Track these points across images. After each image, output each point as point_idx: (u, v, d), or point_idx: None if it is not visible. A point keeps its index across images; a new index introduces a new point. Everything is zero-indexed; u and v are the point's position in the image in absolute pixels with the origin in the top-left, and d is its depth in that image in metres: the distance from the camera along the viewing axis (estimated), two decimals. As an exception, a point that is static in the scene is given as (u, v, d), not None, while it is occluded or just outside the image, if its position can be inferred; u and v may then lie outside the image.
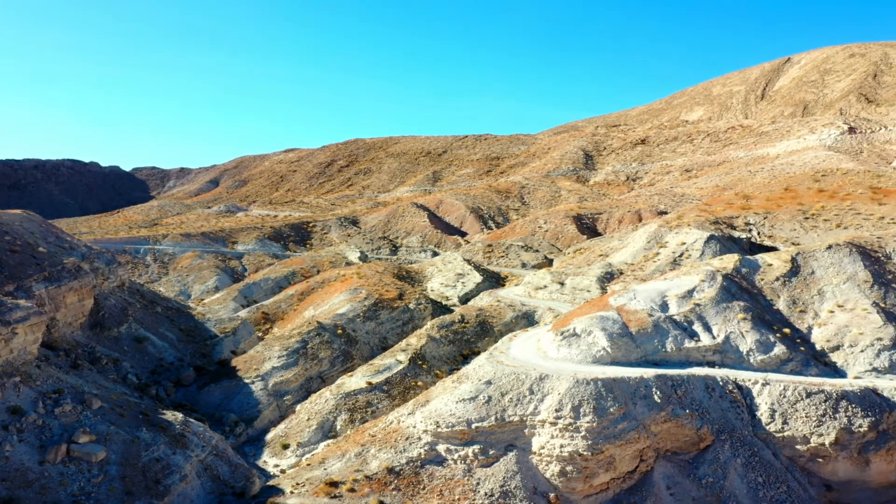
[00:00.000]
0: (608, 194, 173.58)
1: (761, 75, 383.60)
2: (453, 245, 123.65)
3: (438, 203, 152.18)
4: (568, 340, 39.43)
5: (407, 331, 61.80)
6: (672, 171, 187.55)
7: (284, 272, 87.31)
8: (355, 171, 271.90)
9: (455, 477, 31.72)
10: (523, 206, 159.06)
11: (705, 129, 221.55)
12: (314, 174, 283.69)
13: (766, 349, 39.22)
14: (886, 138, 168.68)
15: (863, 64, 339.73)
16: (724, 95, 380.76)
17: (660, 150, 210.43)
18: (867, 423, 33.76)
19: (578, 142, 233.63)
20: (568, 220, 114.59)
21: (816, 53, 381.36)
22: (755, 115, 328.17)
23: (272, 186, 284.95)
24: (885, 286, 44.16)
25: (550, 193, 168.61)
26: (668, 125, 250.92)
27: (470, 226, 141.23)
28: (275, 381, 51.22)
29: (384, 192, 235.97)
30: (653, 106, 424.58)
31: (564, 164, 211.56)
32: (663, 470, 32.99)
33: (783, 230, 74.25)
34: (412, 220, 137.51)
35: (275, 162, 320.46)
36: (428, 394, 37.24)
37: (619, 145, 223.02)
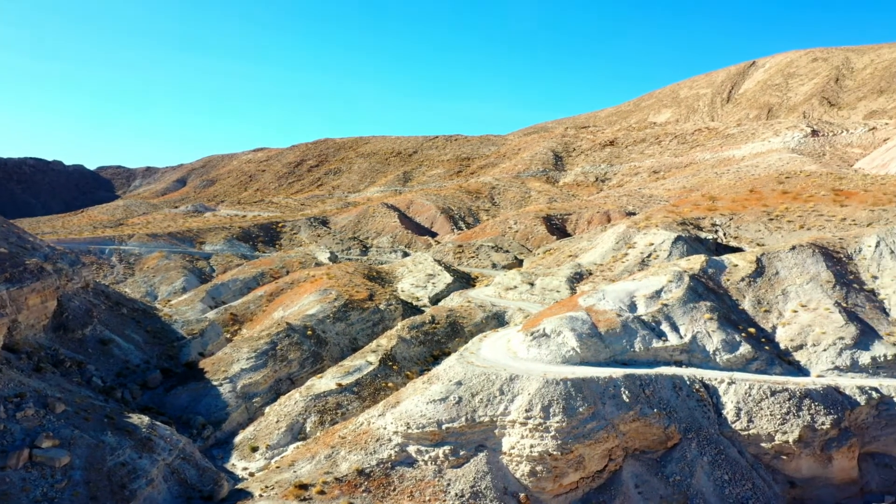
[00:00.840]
0: (577, 195, 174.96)
1: (727, 78, 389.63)
2: (424, 245, 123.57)
3: (409, 203, 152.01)
4: (538, 341, 39.65)
5: (377, 332, 61.60)
6: (640, 173, 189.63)
7: (253, 273, 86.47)
8: (325, 171, 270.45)
9: (426, 478, 31.72)
10: (493, 206, 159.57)
11: (673, 131, 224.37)
12: (283, 174, 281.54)
13: (732, 349, 39.84)
14: (848, 141, 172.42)
15: (825, 68, 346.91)
16: (691, 98, 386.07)
17: (628, 152, 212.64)
18: (830, 420, 34.48)
19: (548, 143, 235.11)
20: (538, 220, 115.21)
21: (781, 57, 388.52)
22: (721, 117, 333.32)
23: (241, 186, 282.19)
24: (847, 286, 45.14)
25: (520, 194, 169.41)
26: (636, 127, 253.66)
27: (440, 226, 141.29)
28: (243, 384, 50.71)
29: (354, 192, 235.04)
30: (621, 108, 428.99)
31: (534, 164, 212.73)
32: (632, 469, 33.34)
33: (748, 231, 75.49)
34: (382, 220, 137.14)
35: (243, 161, 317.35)
36: (398, 395, 37.18)
37: (588, 146, 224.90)
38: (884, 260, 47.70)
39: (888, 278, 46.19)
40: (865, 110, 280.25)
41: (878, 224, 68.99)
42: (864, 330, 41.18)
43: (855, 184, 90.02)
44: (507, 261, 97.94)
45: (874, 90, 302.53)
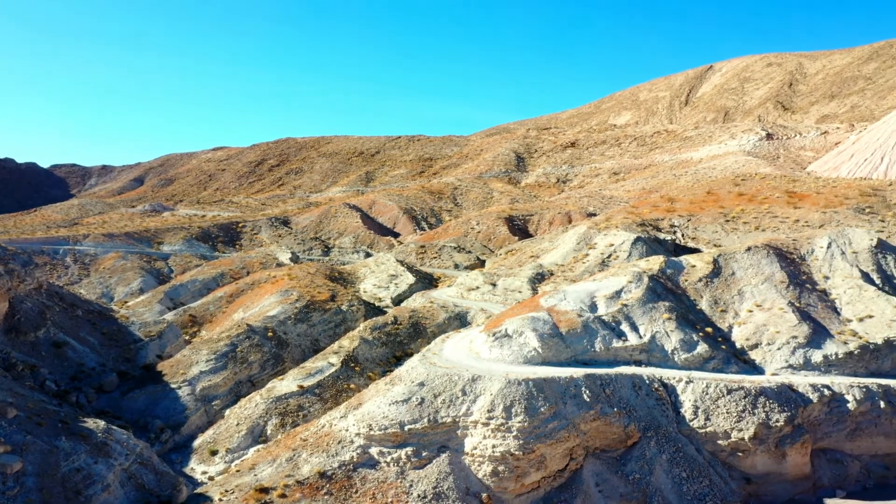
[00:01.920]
0: (539, 196, 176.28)
1: (685, 82, 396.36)
2: (386, 246, 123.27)
3: (371, 204, 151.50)
4: (500, 341, 39.84)
5: (339, 333, 61.27)
6: (601, 174, 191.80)
7: (213, 273, 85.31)
8: (286, 171, 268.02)
9: (388, 479, 31.64)
10: (456, 207, 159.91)
11: (632, 133, 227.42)
12: (244, 173, 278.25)
13: (690, 348, 40.53)
14: (801, 144, 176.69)
15: (779, 73, 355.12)
16: (651, 101, 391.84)
17: (589, 153, 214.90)
18: (783, 417, 35.32)
19: (510, 144, 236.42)
20: (500, 221, 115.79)
21: (737, 62, 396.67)
22: (679, 120, 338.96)
23: (200, 185, 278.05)
24: (800, 286, 46.27)
25: (483, 195, 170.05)
26: (597, 129, 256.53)
27: (403, 227, 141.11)
28: (203, 386, 50.00)
29: (316, 192, 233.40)
30: (582, 109, 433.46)
31: (497, 165, 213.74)
32: (592, 467, 33.71)
33: (706, 232, 76.92)
34: (345, 220, 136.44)
35: (203, 160, 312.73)
36: (360, 396, 37.02)
37: (549, 148, 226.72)
38: (835, 261, 49.00)
39: (839, 278, 47.48)
40: (818, 114, 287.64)
41: (829, 226, 70.91)
42: (817, 329, 42.26)
43: (808, 186, 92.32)
44: (470, 261, 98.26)
45: (826, 95, 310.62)
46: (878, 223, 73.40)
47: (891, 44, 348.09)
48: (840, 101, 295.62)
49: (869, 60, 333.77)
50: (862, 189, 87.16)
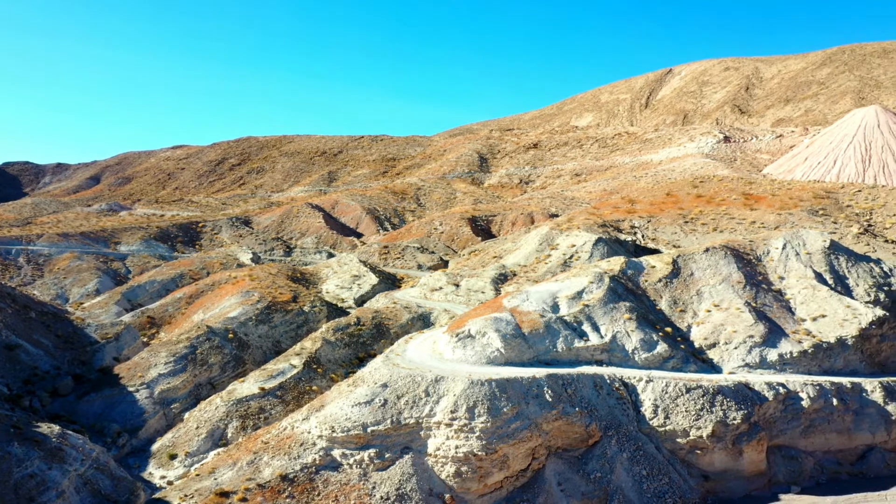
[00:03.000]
0: (502, 197, 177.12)
1: (646, 85, 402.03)
2: (349, 246, 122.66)
3: (334, 204, 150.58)
4: (463, 342, 39.93)
5: (301, 334, 60.77)
6: (563, 175, 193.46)
7: (172, 274, 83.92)
8: (248, 170, 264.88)
9: (350, 482, 31.48)
10: (419, 207, 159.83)
11: (594, 134, 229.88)
12: (204, 172, 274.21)
13: (650, 347, 41.13)
14: (757, 147, 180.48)
15: (736, 77, 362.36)
16: (612, 103, 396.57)
17: (551, 155, 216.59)
18: (740, 415, 36.05)
19: (473, 144, 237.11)
20: (463, 221, 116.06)
21: (696, 66, 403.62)
22: (640, 122, 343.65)
23: (159, 184, 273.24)
24: (756, 287, 47.28)
25: (446, 195, 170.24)
26: (559, 130, 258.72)
27: (366, 227, 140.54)
28: (161, 389, 49.15)
29: (278, 191, 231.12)
30: (545, 111, 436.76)
31: (460, 166, 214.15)
32: (554, 467, 33.98)
33: (665, 233, 78.09)
34: (307, 220, 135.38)
35: (161, 159, 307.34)
36: (323, 398, 36.78)
37: (512, 149, 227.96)
38: (790, 262, 50.17)
39: (793, 279, 48.62)
40: (773, 118, 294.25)
41: (784, 227, 72.56)
42: (772, 328, 43.23)
43: (764, 188, 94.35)
44: (433, 262, 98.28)
45: (781, 99, 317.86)
46: (830, 225, 75.34)
47: (843, 50, 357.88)
48: (795, 106, 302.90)
49: (822, 66, 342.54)
50: (815, 191, 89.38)
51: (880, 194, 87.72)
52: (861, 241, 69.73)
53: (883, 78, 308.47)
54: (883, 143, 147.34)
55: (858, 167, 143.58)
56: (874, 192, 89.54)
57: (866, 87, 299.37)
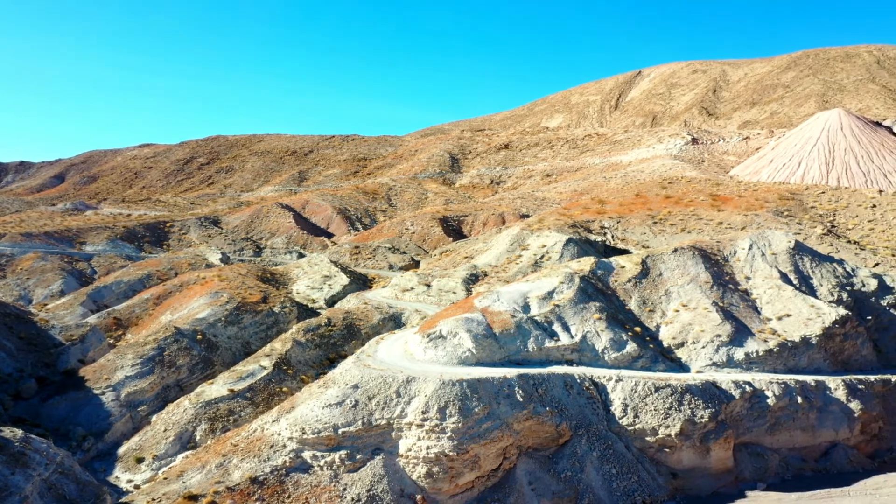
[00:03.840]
0: (473, 197, 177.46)
1: (615, 86, 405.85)
2: (320, 246, 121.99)
3: (304, 203, 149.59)
4: (434, 342, 39.93)
5: (271, 335, 60.24)
6: (534, 176, 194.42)
7: (139, 275, 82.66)
8: (216, 169, 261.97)
9: (321, 484, 31.30)
10: (391, 207, 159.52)
11: (564, 135, 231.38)
12: (172, 171, 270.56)
13: (619, 347, 41.51)
14: (724, 149, 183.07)
15: (704, 80, 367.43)
16: (582, 104, 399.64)
17: (522, 155, 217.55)
18: (708, 414, 36.55)
19: (445, 145, 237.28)
20: (434, 222, 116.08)
21: (664, 68, 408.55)
22: (609, 123, 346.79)
23: (125, 183, 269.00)
24: (723, 286, 47.98)
25: (417, 195, 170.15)
26: (530, 131, 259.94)
27: (337, 227, 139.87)
28: (128, 391, 48.38)
29: (247, 191, 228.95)
30: (516, 112, 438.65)
31: (431, 166, 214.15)
32: (525, 466, 34.13)
33: (634, 234, 78.90)
34: (277, 220, 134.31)
35: (128, 157, 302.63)
36: (293, 400, 36.52)
37: (483, 149, 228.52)
38: (756, 262, 50.99)
39: (760, 279, 49.42)
40: (740, 120, 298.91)
41: (750, 228, 73.75)
42: (739, 328, 43.91)
43: (731, 190, 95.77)
44: (404, 262, 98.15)
45: (748, 102, 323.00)
46: (795, 225, 76.76)
47: (807, 54, 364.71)
48: (761, 108, 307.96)
49: (787, 69, 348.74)
50: (781, 193, 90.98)
51: (843, 196, 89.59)
52: (825, 242, 71.15)
53: (846, 82, 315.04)
54: (846, 146, 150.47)
55: (822, 169, 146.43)
56: (837, 193, 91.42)
57: (830, 91, 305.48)
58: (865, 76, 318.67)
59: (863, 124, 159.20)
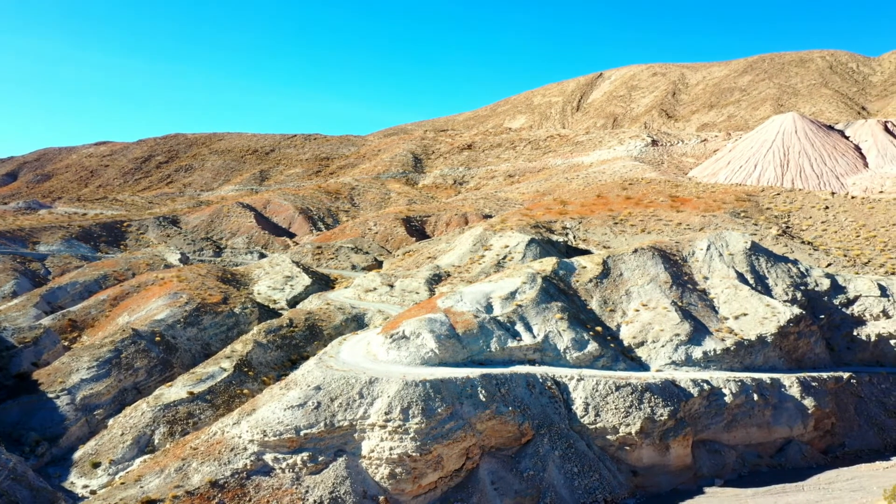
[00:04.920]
0: (436, 197, 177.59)
1: (577, 88, 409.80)
2: (281, 246, 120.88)
3: (266, 203, 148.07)
4: (397, 343, 39.84)
5: (232, 336, 59.48)
6: (496, 176, 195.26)
7: (95, 275, 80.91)
8: (175, 168, 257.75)
9: (283, 486, 30.99)
10: (353, 207, 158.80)
11: (527, 136, 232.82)
12: (129, 170, 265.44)
13: (581, 347, 41.89)
14: (683, 151, 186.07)
15: (664, 83, 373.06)
16: (544, 105, 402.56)
17: (485, 156, 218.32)
18: (667, 412, 37.11)
19: (408, 145, 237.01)
20: (397, 222, 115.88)
21: (625, 70, 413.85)
22: (571, 125, 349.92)
23: (81, 182, 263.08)
24: (682, 286, 48.77)
25: (380, 195, 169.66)
26: (492, 132, 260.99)
27: (299, 227, 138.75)
28: (84, 395, 47.31)
29: (207, 190, 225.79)
30: (478, 112, 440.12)
31: (394, 166, 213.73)
32: (488, 466, 34.25)
33: (596, 234, 79.74)
34: (238, 220, 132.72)
35: (84, 155, 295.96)
36: (254, 402, 36.10)
37: (446, 150, 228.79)
38: (713, 262, 51.94)
39: (717, 279, 50.35)
40: (698, 123, 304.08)
41: (708, 229, 75.09)
42: (697, 327, 44.67)
43: (689, 191, 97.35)
44: (367, 262, 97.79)
45: (706, 104, 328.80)
46: (751, 226, 78.38)
47: (763, 58, 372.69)
48: (718, 111, 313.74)
49: (744, 73, 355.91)
50: (737, 194, 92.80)
51: (797, 198, 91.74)
52: (780, 243, 72.78)
53: (800, 86, 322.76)
54: (800, 149, 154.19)
55: (777, 171, 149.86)
56: (792, 195, 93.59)
57: (784, 95, 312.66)
58: (818, 81, 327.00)
59: (816, 128, 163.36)
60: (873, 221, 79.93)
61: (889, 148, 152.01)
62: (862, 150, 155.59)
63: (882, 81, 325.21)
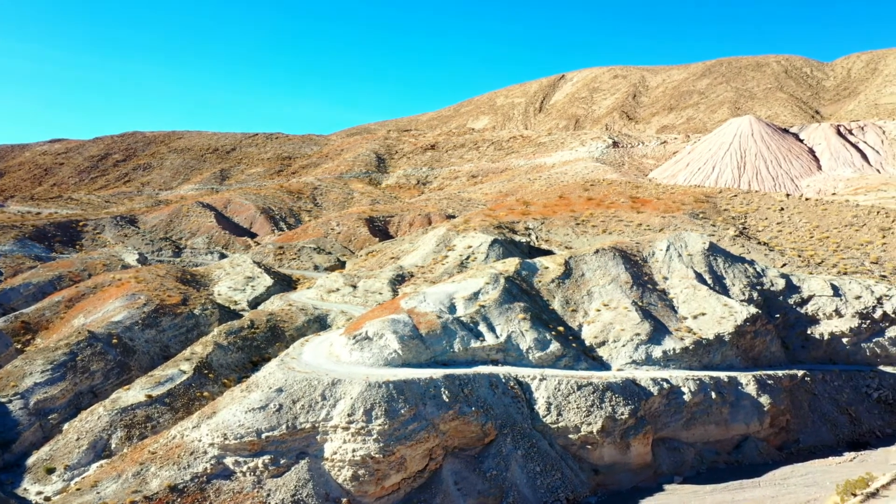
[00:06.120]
0: (400, 197, 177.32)
1: (539, 89, 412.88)
2: (242, 247, 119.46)
3: (227, 202, 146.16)
4: (360, 344, 39.69)
5: (192, 338, 58.56)
6: (460, 177, 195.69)
7: (49, 276, 78.95)
8: (133, 167, 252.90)
9: (244, 490, 30.65)
10: (316, 207, 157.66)
11: (490, 137, 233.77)
12: (85, 168, 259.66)
13: (543, 346, 42.21)
14: (643, 153, 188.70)
15: (624, 85, 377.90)
16: (507, 106, 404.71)
17: (448, 156, 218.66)
18: (628, 410, 37.59)
19: (371, 145, 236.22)
20: (360, 222, 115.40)
21: (587, 72, 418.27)
22: (534, 126, 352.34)
23: (34, 180, 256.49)
24: (643, 286, 49.45)
25: (343, 195, 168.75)
26: (456, 132, 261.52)
27: (260, 227, 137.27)
28: (37, 399, 46.14)
29: (166, 189, 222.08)
30: (442, 113, 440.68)
31: (357, 166, 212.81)
32: (451, 466, 34.31)
33: (558, 235, 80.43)
34: (198, 220, 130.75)
35: (37, 153, 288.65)
36: (215, 405, 35.63)
37: (410, 150, 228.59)
38: (673, 262, 52.77)
39: (676, 279, 51.17)
40: (658, 125, 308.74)
41: (668, 229, 76.27)
42: (657, 326, 45.34)
43: (649, 192, 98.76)
44: (330, 262, 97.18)
45: (665, 107, 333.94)
46: (710, 227, 79.82)
47: (720, 62, 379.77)
48: (677, 114, 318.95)
49: (702, 77, 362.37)
50: (696, 196, 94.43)
51: (754, 199, 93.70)
52: (737, 243, 74.25)
53: (756, 90, 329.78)
54: (756, 151, 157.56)
55: (735, 173, 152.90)
56: (748, 196, 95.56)
57: (742, 98, 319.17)
58: (774, 85, 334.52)
59: (772, 131, 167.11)
60: (826, 223, 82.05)
61: (841, 151, 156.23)
62: (815, 153, 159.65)
63: (835, 86, 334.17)
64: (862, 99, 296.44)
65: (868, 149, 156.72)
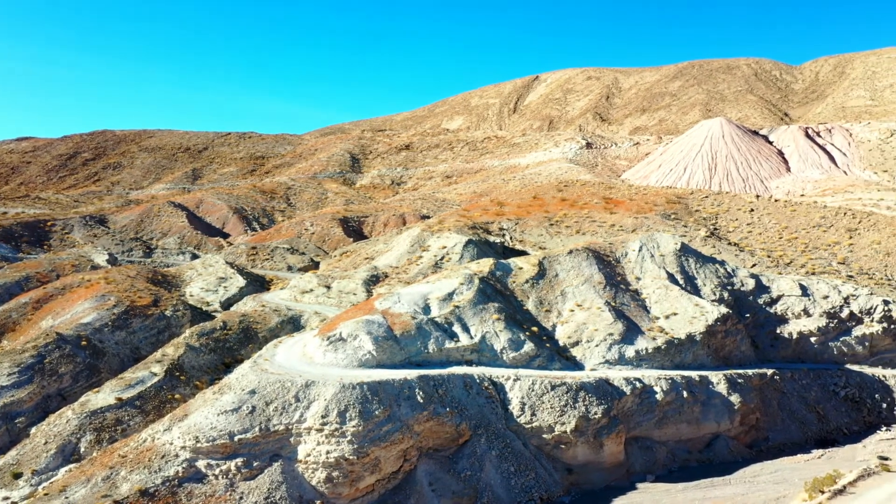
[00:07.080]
0: (374, 198, 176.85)
1: (514, 90, 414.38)
2: (215, 247, 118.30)
3: (199, 202, 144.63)
4: (334, 345, 39.52)
5: (163, 340, 57.85)
6: (434, 177, 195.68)
7: (16, 277, 77.48)
8: (103, 166, 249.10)
9: (216, 493, 30.35)
10: (289, 207, 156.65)
11: (464, 137, 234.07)
12: (53, 167, 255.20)
13: (517, 347, 42.36)
14: (616, 154, 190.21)
15: (598, 86, 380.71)
16: (482, 107, 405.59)
17: (423, 156, 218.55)
18: (601, 410, 37.88)
19: (345, 144, 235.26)
20: (334, 222, 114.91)
21: (560, 74, 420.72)
22: (508, 126, 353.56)
23: (1, 179, 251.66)
24: (615, 287, 49.85)
25: (317, 195, 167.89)
26: (430, 132, 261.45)
27: (233, 227, 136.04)
28: (4, 402, 45.27)
29: (137, 189, 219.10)
30: (416, 113, 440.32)
31: (331, 166, 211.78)
32: (426, 467, 34.29)
33: (532, 235, 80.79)
34: (169, 220, 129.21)
35: (4, 151, 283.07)
36: (186, 407, 35.23)
37: (384, 150, 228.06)
38: (645, 263, 53.27)
39: (649, 279, 51.66)
40: (631, 126, 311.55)
41: (640, 230, 76.96)
42: (630, 326, 45.74)
43: (622, 193, 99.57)
44: (304, 263, 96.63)
45: (638, 108, 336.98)
46: (681, 228, 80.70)
47: (692, 65, 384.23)
48: (650, 115, 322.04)
49: (674, 79, 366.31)
50: (668, 197, 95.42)
51: (724, 200, 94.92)
52: (708, 244, 75.16)
53: (727, 92, 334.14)
54: (727, 153, 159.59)
55: (706, 174, 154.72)
56: (719, 198, 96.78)
57: (713, 100, 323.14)
58: (744, 87, 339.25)
59: (742, 133, 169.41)
60: (795, 224, 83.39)
61: (810, 153, 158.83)
62: (785, 155, 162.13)
63: (803, 89, 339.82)
64: (829, 102, 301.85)
65: (835, 151, 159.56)
